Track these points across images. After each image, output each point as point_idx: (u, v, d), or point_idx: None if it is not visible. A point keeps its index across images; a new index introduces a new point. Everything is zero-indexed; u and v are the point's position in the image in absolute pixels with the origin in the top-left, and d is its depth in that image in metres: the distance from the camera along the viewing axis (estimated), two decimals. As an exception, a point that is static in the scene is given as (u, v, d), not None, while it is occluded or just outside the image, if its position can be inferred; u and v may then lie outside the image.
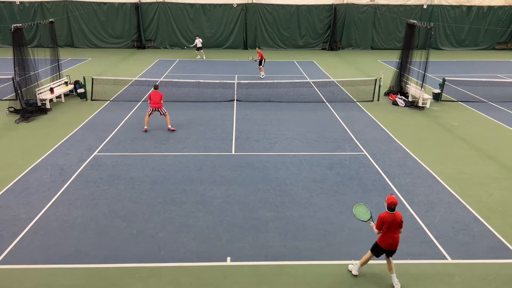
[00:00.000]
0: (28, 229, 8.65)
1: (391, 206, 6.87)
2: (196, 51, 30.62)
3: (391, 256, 7.16)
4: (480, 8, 34.96)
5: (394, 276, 7.19)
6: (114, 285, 7.15)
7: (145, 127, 14.54)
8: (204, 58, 30.56)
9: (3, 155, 12.44)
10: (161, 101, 14.45)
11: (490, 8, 34.96)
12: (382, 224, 6.91)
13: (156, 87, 14.63)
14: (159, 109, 14.40)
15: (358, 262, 7.42)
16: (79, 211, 9.39)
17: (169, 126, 14.58)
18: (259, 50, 23.74)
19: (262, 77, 23.31)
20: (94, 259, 7.77)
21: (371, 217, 7.24)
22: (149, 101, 14.49)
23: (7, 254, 7.88)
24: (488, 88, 20.61)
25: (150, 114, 14.54)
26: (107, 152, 12.77)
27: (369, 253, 7.26)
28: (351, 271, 7.45)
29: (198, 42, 30.34)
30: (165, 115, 14.59)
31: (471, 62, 30.44)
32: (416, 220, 9.19)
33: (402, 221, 6.99)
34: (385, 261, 7.30)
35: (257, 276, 7.41)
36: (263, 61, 23.35)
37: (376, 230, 7.04)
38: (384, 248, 7.04)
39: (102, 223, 8.92)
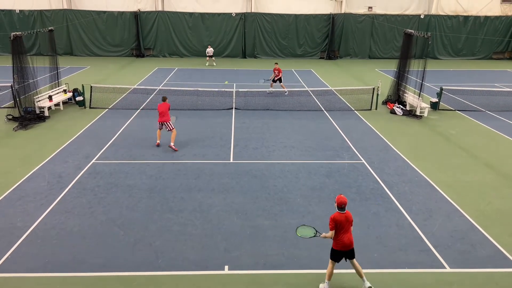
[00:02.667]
0: (25, 237, 8.60)
1: (341, 206, 6.89)
2: (207, 58, 31.05)
3: (353, 258, 7.08)
4: (477, 18, 35.30)
5: (365, 279, 7.07)
6: (111, 294, 7.09)
7: (157, 142, 13.91)
8: (215, 65, 31.03)
9: (0, 162, 12.41)
10: (169, 111, 13.80)
11: (487, 18, 35.31)
12: (335, 224, 6.85)
13: (164, 99, 13.96)
14: (167, 123, 13.68)
15: (325, 283, 7.19)
16: (76, 219, 9.35)
17: (171, 144, 13.60)
18: (277, 66, 21.63)
19: (286, 94, 21.37)
20: (91, 267, 7.71)
21: (316, 231, 7.16)
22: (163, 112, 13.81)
23: (3, 262, 7.81)
24: (486, 97, 20.72)
25: (160, 129, 13.92)
26: (105, 160, 12.75)
27: (330, 262, 7.13)
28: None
29: (210, 51, 31.07)
30: (171, 131, 13.79)
31: (468, 71, 30.63)
32: (415, 228, 9.17)
33: (352, 220, 7.03)
34: (383, 270, 7.26)
35: (255, 284, 7.37)
36: (281, 77, 21.55)
37: (329, 233, 6.94)
38: (341, 249, 6.96)
39: (100, 231, 8.88)
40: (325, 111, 18.66)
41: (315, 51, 36.11)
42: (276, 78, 21.49)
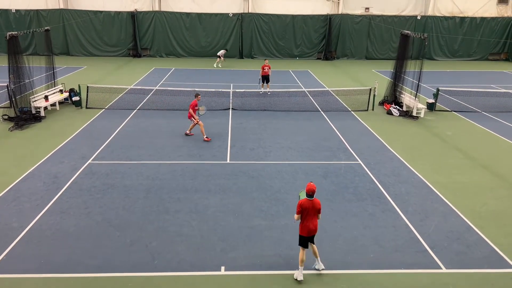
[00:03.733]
0: (20, 238, 8.56)
1: (310, 193, 7.27)
2: (218, 58, 30.90)
3: (313, 242, 7.58)
4: (473, 19, 35.43)
5: (318, 259, 7.70)
6: (106, 295, 7.07)
7: (205, 137, 14.66)
8: (220, 66, 30.81)
9: (-4, 163, 12.35)
10: (190, 109, 14.55)
11: (483, 19, 35.44)
12: (301, 210, 7.27)
13: (196, 95, 14.88)
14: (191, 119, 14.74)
15: (299, 270, 7.54)
16: (72, 219, 9.31)
17: (204, 137, 14.67)
18: (266, 62, 21.34)
19: (269, 94, 21.45)
20: (87, 268, 7.68)
21: (299, 196, 7.67)
22: (193, 109, 14.67)
23: (-2, 263, 7.79)
24: (482, 98, 20.80)
25: (195, 124, 14.89)
26: (101, 160, 12.71)
27: (300, 249, 7.51)
28: (296, 279, 7.47)
29: (222, 52, 30.96)
30: (198, 124, 14.78)
31: (464, 72, 30.74)
32: (411, 229, 9.19)
33: (320, 208, 7.43)
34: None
35: (251, 285, 7.36)
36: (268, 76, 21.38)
37: (295, 216, 7.41)
38: (306, 235, 7.40)
39: (96, 232, 8.85)
40: (322, 112, 18.68)
41: (312, 51, 36.13)
42: (263, 76, 21.21)
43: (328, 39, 35.37)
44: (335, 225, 9.32)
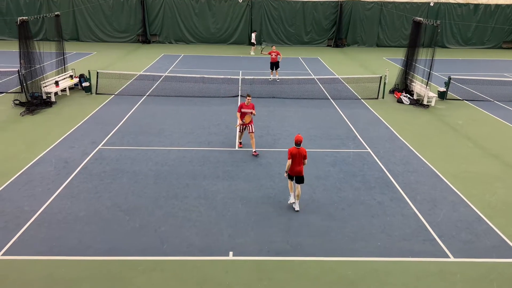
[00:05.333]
0: (32, 221, 8.71)
1: (297, 143, 9.02)
2: (252, 46, 30.62)
3: (299, 185, 9.21)
4: (487, 6, 34.69)
5: (298, 202, 9.31)
6: (116, 278, 7.19)
7: (239, 142, 12.93)
8: (253, 54, 30.39)
9: (7, 147, 12.51)
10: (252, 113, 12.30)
11: (497, 6, 34.69)
12: (290, 155, 9.01)
13: (248, 96, 12.38)
14: (250, 126, 12.25)
15: (291, 196, 9.44)
16: (82, 204, 9.43)
17: (254, 151, 12.27)
18: (274, 48, 21.55)
19: (278, 81, 21.30)
20: (97, 252, 7.81)
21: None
22: (239, 113, 12.32)
23: (11, 245, 7.93)
24: (494, 87, 20.48)
25: (241, 131, 12.64)
26: (111, 145, 12.80)
27: (288, 181, 9.48)
28: (292, 204, 9.37)
29: (254, 36, 30.51)
30: (250, 135, 12.30)
31: (477, 60, 30.24)
32: (419, 218, 9.16)
33: (305, 154, 9.13)
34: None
35: (258, 271, 7.43)
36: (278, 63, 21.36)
37: (288, 162, 9.02)
38: (293, 174, 9.20)
39: (105, 216, 8.97)
40: (331, 100, 18.55)
41: (322, 38, 35.76)
42: (271, 62, 21.18)
43: (339, 26, 34.97)
44: (343, 212, 9.33)
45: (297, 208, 9.28)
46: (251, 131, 12.27)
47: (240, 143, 12.96)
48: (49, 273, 7.23)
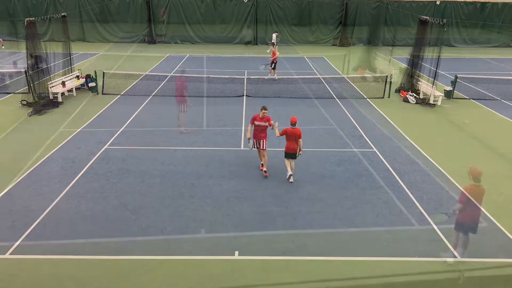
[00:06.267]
0: (40, 220, 8.78)
1: (292, 123, 10.27)
2: (271, 46, 30.46)
3: (293, 160, 10.54)
4: (494, 4, 34.43)
5: (291, 173, 10.44)
6: (123, 277, 7.23)
7: (261, 165, 11.14)
8: (268, 51, 30.10)
9: (15, 147, 12.62)
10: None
11: (504, 4, 34.42)
12: (285, 133, 10.29)
13: (264, 109, 10.72)
14: (263, 142, 10.75)
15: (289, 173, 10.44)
16: (89, 203, 9.50)
17: (264, 170, 10.87)
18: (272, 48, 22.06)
19: (276, 79, 21.44)
20: (104, 251, 7.86)
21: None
22: (251, 124, 10.80)
23: (19, 244, 8.01)
24: (502, 86, 20.31)
25: (257, 147, 10.88)
26: (117, 145, 12.88)
27: (285, 160, 10.60)
28: (289, 179, 10.49)
29: (274, 37, 30.18)
30: (262, 152, 10.91)
31: (484, 59, 30.01)
32: (425, 217, 9.13)
33: (300, 134, 10.30)
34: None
35: (264, 270, 7.44)
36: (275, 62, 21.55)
37: (279, 134, 10.47)
38: (288, 152, 10.44)
39: (112, 216, 9.02)
40: (337, 99, 18.51)
41: (327, 38, 35.68)
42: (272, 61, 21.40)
43: (344, 25, 34.85)
44: (348, 212, 9.32)
45: (291, 180, 10.44)
46: (263, 147, 10.76)
47: (262, 165, 11.00)
48: (56, 272, 7.30)
